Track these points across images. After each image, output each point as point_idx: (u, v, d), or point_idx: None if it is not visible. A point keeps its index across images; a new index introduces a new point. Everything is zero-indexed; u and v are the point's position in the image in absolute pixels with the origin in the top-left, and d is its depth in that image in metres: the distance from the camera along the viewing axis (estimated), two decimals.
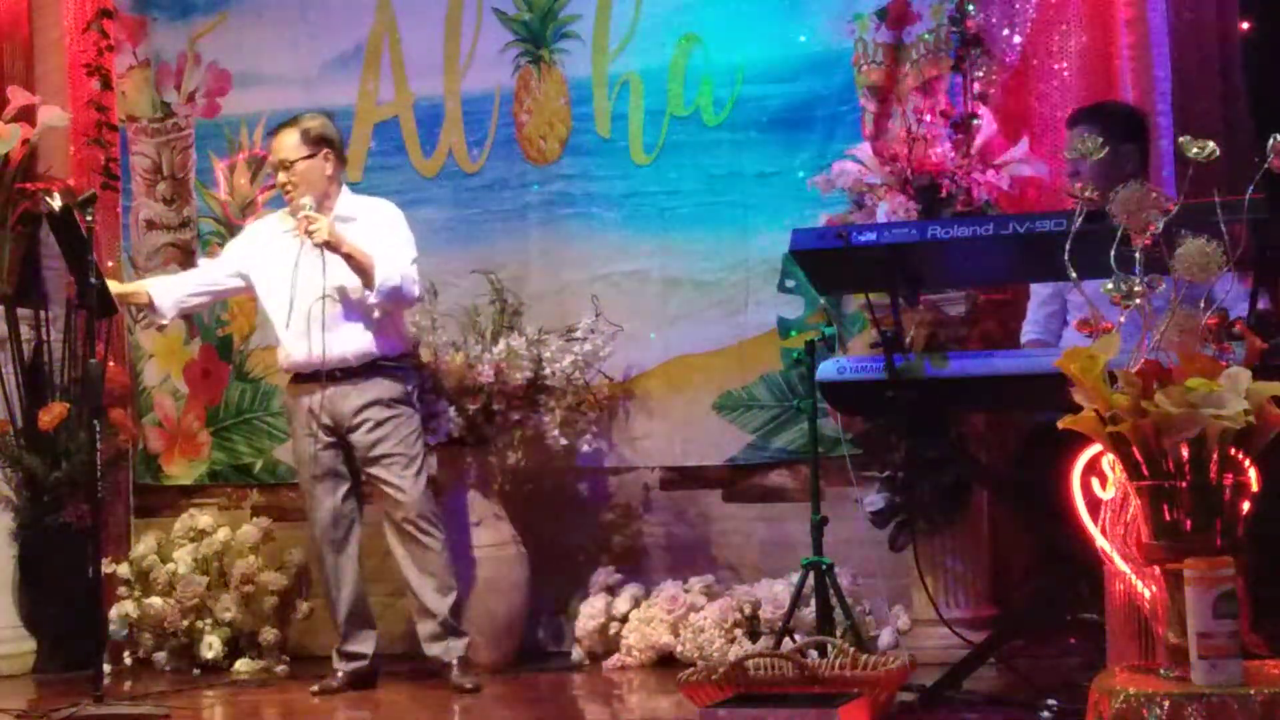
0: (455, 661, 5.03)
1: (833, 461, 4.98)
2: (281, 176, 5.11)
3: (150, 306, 5.24)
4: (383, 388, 5.08)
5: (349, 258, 4.97)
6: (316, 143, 5.12)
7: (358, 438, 5.06)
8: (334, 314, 5.03)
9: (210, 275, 5.39)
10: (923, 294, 4.38)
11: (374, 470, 5.09)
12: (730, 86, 5.71)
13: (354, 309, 5.06)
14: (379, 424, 5.06)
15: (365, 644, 5.16)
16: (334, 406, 5.05)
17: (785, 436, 5.57)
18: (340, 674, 5.10)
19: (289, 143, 5.10)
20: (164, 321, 5.40)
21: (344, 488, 5.14)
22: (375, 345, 5.08)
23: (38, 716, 4.58)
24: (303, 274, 5.03)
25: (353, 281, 5.01)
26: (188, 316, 6.14)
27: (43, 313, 6.13)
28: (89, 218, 4.59)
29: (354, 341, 5.06)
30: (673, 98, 5.77)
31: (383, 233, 5.10)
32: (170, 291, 5.26)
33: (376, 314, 5.06)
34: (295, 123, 5.16)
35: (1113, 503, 2.99)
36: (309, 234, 4.95)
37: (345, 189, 5.25)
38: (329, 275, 4.99)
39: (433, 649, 5.08)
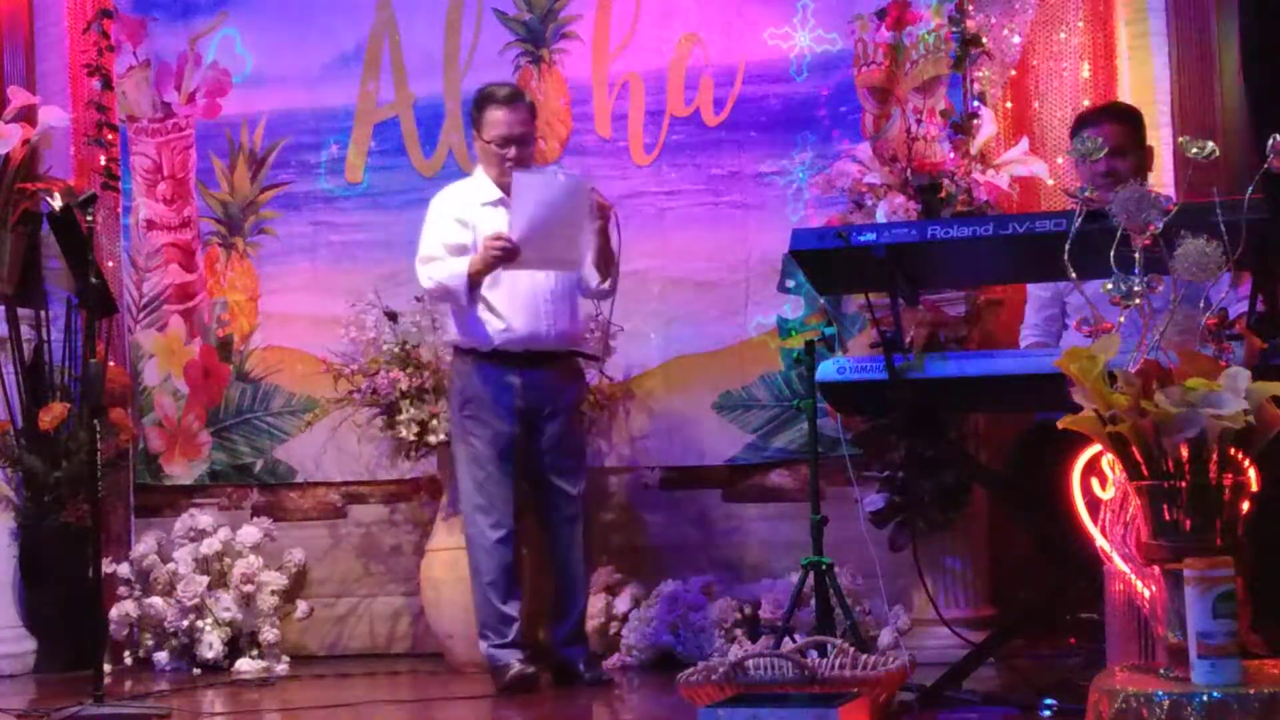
0: (584, 659, 5.02)
1: (833, 461, 4.98)
2: (513, 150, 4.91)
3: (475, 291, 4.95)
4: (580, 383, 5.07)
5: (608, 243, 4.90)
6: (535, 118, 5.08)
7: (551, 426, 4.96)
8: (556, 293, 4.94)
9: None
10: (923, 294, 4.37)
11: (553, 461, 4.99)
12: (730, 86, 5.72)
13: (572, 294, 4.98)
14: (570, 416, 5.01)
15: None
16: (538, 390, 4.94)
17: (785, 436, 5.57)
18: (516, 663, 4.87)
19: (526, 116, 4.97)
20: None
21: (518, 477, 5.00)
22: (584, 333, 5.05)
23: (38, 716, 4.58)
24: None
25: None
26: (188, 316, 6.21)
27: (43, 313, 6.13)
28: (89, 218, 4.59)
29: (568, 325, 4.98)
30: (673, 98, 5.77)
31: None
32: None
33: (581, 301, 5.01)
34: (523, 95, 5.05)
35: (1113, 503, 2.99)
36: (604, 210, 4.84)
37: None
38: None
39: (569, 651, 5.03)
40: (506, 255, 4.76)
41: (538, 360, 4.94)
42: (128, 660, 5.85)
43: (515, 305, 4.90)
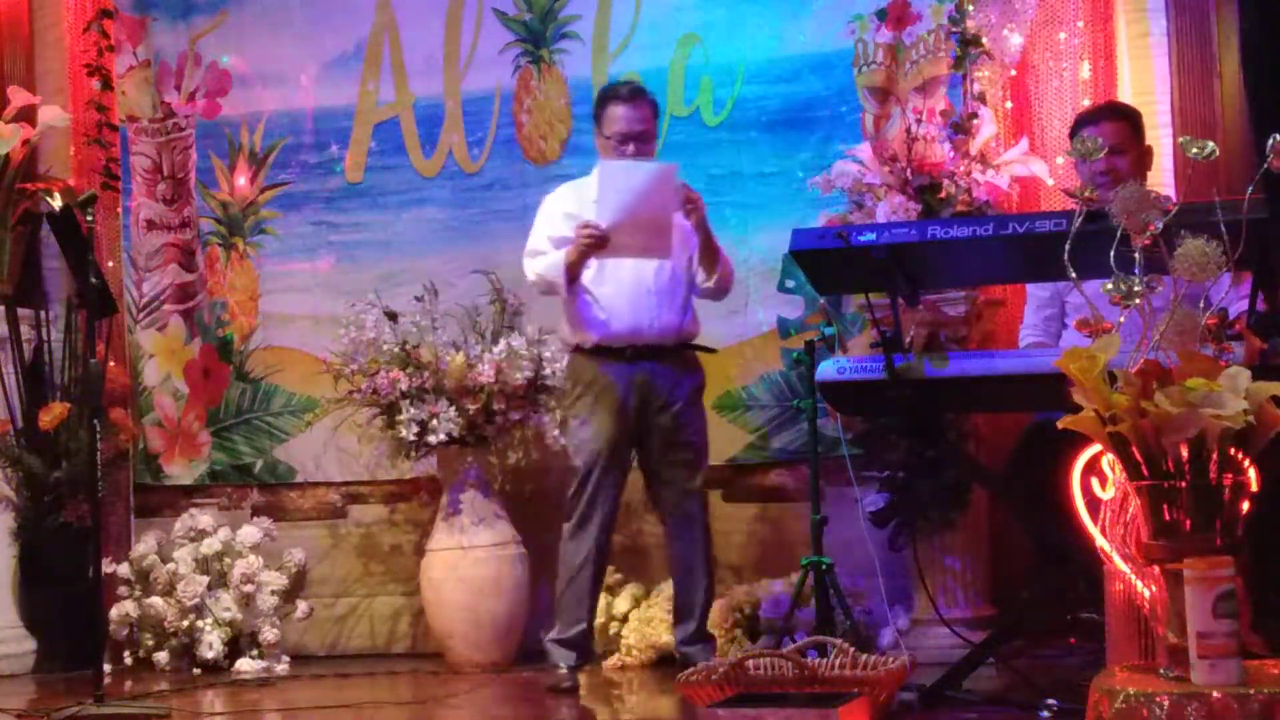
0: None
1: (833, 461, 4.98)
2: (631, 147, 4.89)
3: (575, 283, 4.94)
4: (695, 374, 5.03)
5: (709, 236, 4.91)
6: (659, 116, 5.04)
7: (664, 419, 4.94)
8: (662, 287, 4.92)
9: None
10: (923, 294, 4.37)
11: (669, 455, 4.97)
12: (730, 86, 5.72)
13: (679, 288, 4.96)
14: (686, 409, 4.96)
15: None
16: (650, 385, 4.93)
17: (785, 436, 5.57)
18: (567, 668, 4.92)
19: (648, 114, 4.96)
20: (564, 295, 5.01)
21: (625, 475, 5.01)
22: (694, 326, 5.02)
23: (38, 716, 4.59)
24: None
25: (683, 258, 4.93)
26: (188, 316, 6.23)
27: (43, 313, 6.14)
28: (89, 218, 4.59)
29: (677, 320, 4.95)
30: (673, 98, 5.77)
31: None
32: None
33: (691, 296, 4.99)
34: (645, 92, 5.00)
35: (1113, 503, 2.99)
36: (690, 203, 4.82)
37: None
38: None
39: (688, 650, 4.99)
40: (596, 243, 4.78)
41: (644, 354, 4.93)
42: (128, 660, 5.85)
43: (619, 300, 4.92)
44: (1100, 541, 3.09)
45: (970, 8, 5.10)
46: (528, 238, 5.11)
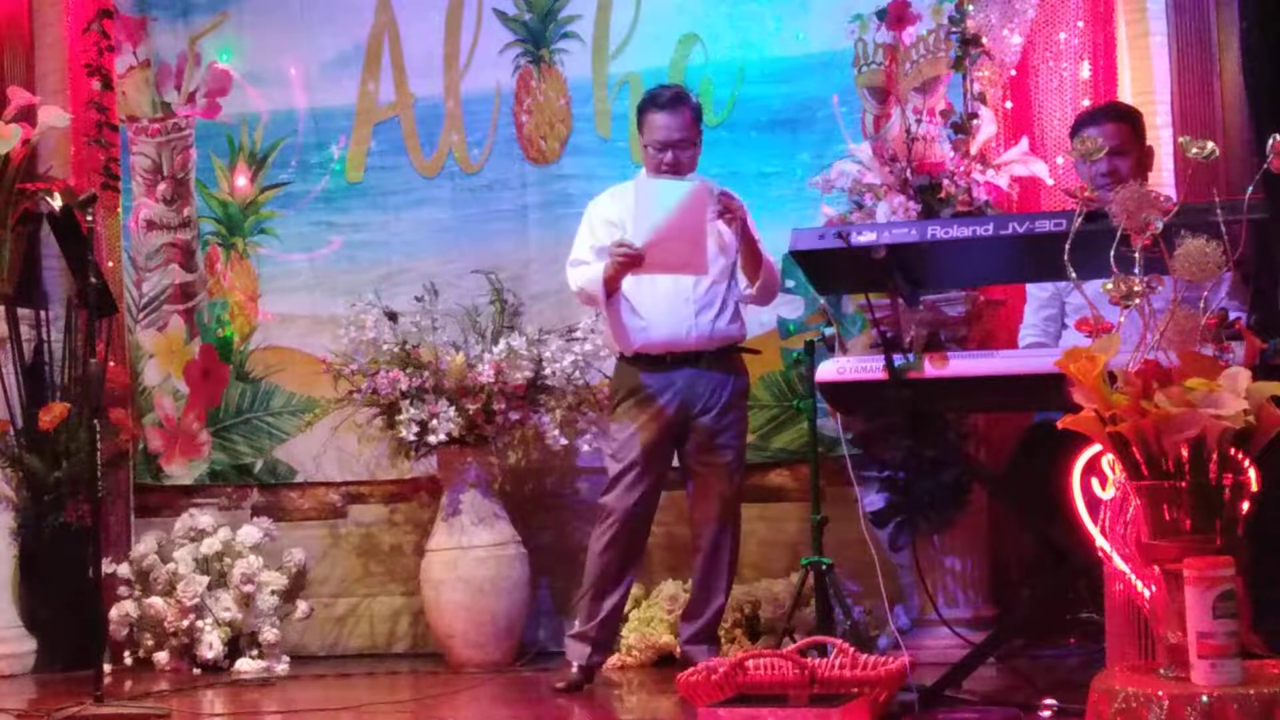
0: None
1: (833, 461, 4.98)
2: (670, 155, 4.86)
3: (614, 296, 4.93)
4: (738, 377, 5.01)
5: (751, 242, 4.88)
6: (701, 120, 5.01)
7: (705, 421, 4.92)
8: (700, 295, 4.90)
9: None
10: (923, 294, 4.37)
11: (706, 457, 4.96)
12: (730, 86, 5.72)
13: (720, 295, 4.94)
14: (726, 411, 4.94)
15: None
16: (691, 390, 4.92)
17: (785, 436, 5.57)
18: (577, 667, 4.93)
19: (688, 121, 4.90)
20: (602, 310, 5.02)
21: (659, 481, 5.02)
22: (737, 330, 5.00)
23: (38, 716, 4.58)
24: None
25: (724, 262, 4.91)
26: (188, 316, 6.22)
27: (43, 313, 6.14)
28: (89, 218, 4.59)
29: (721, 325, 4.93)
30: None
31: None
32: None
33: (734, 300, 4.97)
34: (687, 99, 4.94)
35: (1113, 503, 2.99)
36: (729, 211, 4.77)
37: None
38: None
39: (690, 649, 4.99)
40: (631, 261, 4.76)
41: (683, 360, 4.92)
42: (128, 660, 5.84)
43: (657, 308, 4.91)
44: (1100, 541, 3.09)
45: (970, 8, 5.10)
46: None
